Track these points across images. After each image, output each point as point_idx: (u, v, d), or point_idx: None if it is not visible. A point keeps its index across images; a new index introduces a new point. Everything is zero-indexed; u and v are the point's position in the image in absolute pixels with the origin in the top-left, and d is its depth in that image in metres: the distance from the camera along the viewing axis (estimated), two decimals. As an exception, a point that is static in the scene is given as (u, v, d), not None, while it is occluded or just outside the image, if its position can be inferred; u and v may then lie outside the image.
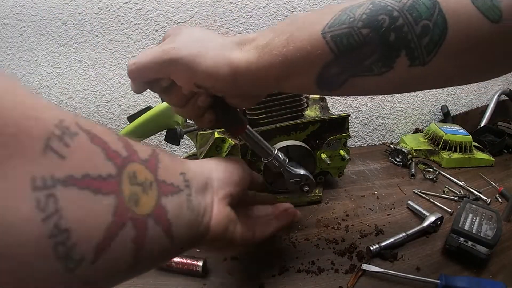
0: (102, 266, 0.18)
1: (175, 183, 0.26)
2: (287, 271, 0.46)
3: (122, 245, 0.19)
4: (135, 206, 0.20)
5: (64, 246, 0.16)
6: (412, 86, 0.30)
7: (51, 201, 0.15)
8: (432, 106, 0.91)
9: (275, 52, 0.29)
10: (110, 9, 0.67)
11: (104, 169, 0.18)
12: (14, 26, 0.67)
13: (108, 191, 0.18)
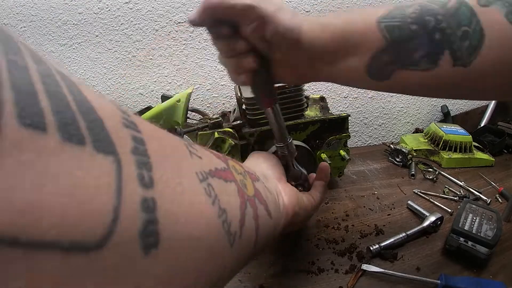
0: (244, 241, 0.21)
1: (253, 173, 0.30)
2: (287, 271, 0.46)
3: (249, 222, 0.23)
4: (245, 189, 0.24)
5: (226, 224, 0.19)
6: (454, 88, 0.32)
7: (210, 188, 0.18)
8: (432, 106, 0.91)
9: (336, 31, 0.32)
10: (110, 9, 0.67)
11: (220, 164, 0.22)
12: (14, 26, 0.67)
13: (230, 179, 0.22)
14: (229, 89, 0.77)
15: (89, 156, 0.10)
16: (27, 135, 0.09)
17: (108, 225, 0.10)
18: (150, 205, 0.13)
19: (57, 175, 0.09)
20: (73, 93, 0.11)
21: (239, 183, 0.23)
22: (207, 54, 0.73)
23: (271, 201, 0.30)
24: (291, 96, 0.55)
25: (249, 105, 0.54)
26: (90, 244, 0.10)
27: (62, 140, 0.10)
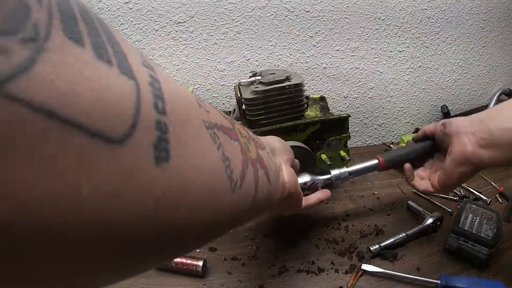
0: (243, 193, 0.23)
1: (259, 142, 0.31)
2: (287, 271, 0.46)
3: (249, 178, 0.24)
4: (248, 151, 0.25)
5: (229, 169, 0.20)
6: None
7: (216, 136, 0.20)
8: (432, 106, 0.91)
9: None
10: (110, 9, 0.67)
11: (226, 123, 0.23)
12: (14, 26, 0.67)
13: (234, 138, 0.23)
14: (229, 89, 0.77)
15: (115, 75, 0.13)
16: (69, 45, 0.11)
17: (128, 127, 0.12)
18: (163, 127, 0.14)
19: (90, 78, 0.11)
20: (104, 28, 0.13)
21: (242, 144, 0.24)
22: (207, 54, 0.73)
23: (273, 170, 0.31)
24: (291, 97, 0.55)
25: (249, 105, 0.54)
26: (111, 137, 0.12)
27: (95, 56, 0.12)
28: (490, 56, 0.89)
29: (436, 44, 0.83)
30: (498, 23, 0.86)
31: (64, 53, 0.11)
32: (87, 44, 0.12)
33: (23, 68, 0.09)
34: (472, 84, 0.92)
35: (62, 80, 0.10)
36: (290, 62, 0.76)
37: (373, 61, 0.80)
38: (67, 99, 0.10)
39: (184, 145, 0.16)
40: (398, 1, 0.75)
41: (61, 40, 0.11)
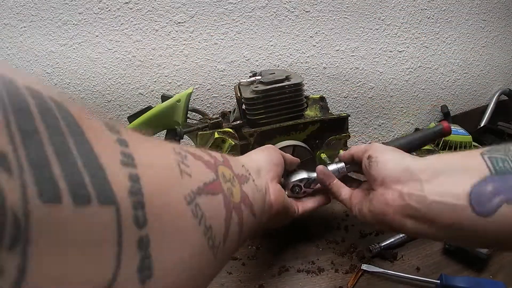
0: (227, 248, 0.24)
1: (244, 174, 0.32)
2: (287, 271, 0.46)
3: (233, 229, 0.25)
4: (232, 197, 0.26)
5: (211, 239, 0.22)
6: None
7: (197, 208, 0.21)
8: (432, 106, 0.91)
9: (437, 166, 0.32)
10: (110, 9, 0.67)
11: (209, 176, 0.24)
12: (14, 26, 0.67)
13: (217, 191, 0.24)
14: (229, 89, 0.77)
15: (93, 210, 0.13)
16: (47, 210, 0.11)
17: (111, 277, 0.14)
18: (144, 243, 0.15)
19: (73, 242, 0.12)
20: (79, 148, 0.13)
21: (226, 192, 0.25)
22: (207, 54, 0.73)
23: (258, 199, 0.33)
24: (291, 96, 0.55)
25: (249, 105, 0.54)
26: None
27: (74, 205, 0.12)
28: (490, 56, 0.89)
29: (436, 44, 0.83)
30: (498, 23, 0.86)
31: (44, 224, 0.11)
32: (65, 195, 0.12)
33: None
34: (472, 84, 0.92)
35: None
36: (290, 62, 0.76)
37: (373, 61, 0.80)
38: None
39: (166, 248, 0.17)
40: (398, 1, 0.75)
41: (39, 210, 0.11)
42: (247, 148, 0.56)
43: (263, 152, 0.42)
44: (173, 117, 0.59)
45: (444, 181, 0.30)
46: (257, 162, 0.39)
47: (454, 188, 0.29)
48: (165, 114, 0.59)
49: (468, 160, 0.30)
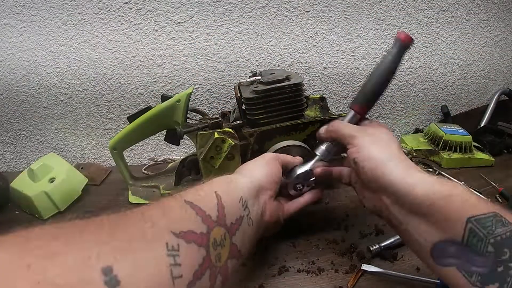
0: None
1: (239, 215, 0.34)
2: (287, 271, 0.46)
3: (218, 284, 0.29)
4: (219, 262, 0.29)
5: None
6: None
7: (175, 256, 0.24)
8: (432, 106, 0.91)
9: (430, 194, 0.32)
10: (110, 9, 0.67)
11: (200, 258, 0.26)
12: (14, 26, 0.67)
13: (205, 270, 0.27)
14: (229, 89, 0.77)
15: None
16: None
17: None
18: None
19: None
20: None
21: (213, 262, 0.28)
22: (207, 54, 0.73)
23: (248, 236, 0.36)
24: (291, 96, 0.55)
25: (249, 105, 0.54)
26: None
27: None
28: (490, 56, 0.89)
29: (436, 44, 0.83)
30: (498, 23, 0.86)
31: None
32: None
33: None
34: (472, 84, 0.92)
35: None
36: (290, 62, 0.76)
37: (373, 61, 0.80)
38: None
39: None
40: (398, 1, 0.75)
41: None
42: (247, 148, 0.56)
43: (266, 167, 0.44)
44: (173, 117, 0.59)
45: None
46: (258, 180, 0.41)
47: (425, 233, 0.32)
48: (165, 114, 0.59)
49: (452, 215, 0.30)
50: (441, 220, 0.31)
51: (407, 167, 0.35)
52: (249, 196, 0.38)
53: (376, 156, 0.37)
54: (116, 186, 0.69)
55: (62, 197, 0.62)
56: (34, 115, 0.76)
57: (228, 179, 0.38)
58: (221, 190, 0.34)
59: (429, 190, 0.32)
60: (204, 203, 0.31)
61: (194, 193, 0.32)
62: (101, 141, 0.80)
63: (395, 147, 0.38)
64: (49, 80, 0.72)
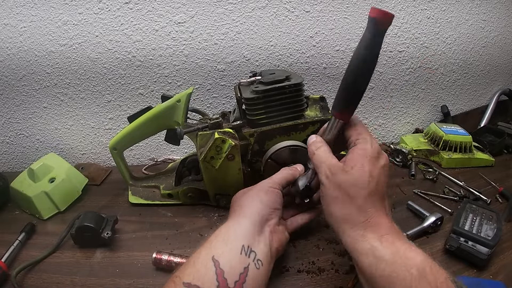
0: None
1: (242, 270, 0.35)
2: (287, 271, 0.46)
3: None
4: None
5: None
6: None
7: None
8: (432, 106, 0.91)
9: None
10: (110, 9, 0.67)
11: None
12: (14, 27, 0.67)
13: None
14: (229, 89, 0.77)
15: None
16: None
17: None
18: None
19: None
20: None
21: None
22: (207, 54, 0.73)
23: (263, 272, 0.37)
24: (291, 96, 0.55)
25: (249, 105, 0.54)
26: None
27: None
28: (490, 56, 0.89)
29: (436, 44, 0.83)
30: (498, 23, 0.86)
31: None
32: None
33: None
34: (472, 84, 0.92)
35: None
36: (290, 62, 0.76)
37: (373, 61, 0.80)
38: None
39: None
40: (398, 1, 0.75)
41: None
42: (247, 148, 0.56)
43: (265, 197, 0.43)
44: (173, 117, 0.59)
45: None
46: (259, 215, 0.41)
47: None
48: (165, 114, 0.59)
49: (438, 277, 0.30)
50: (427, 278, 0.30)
51: (362, 231, 0.34)
52: (252, 238, 0.38)
53: (334, 213, 0.36)
54: (116, 186, 0.69)
55: (62, 197, 0.62)
56: (34, 115, 0.76)
57: (225, 232, 0.39)
58: (218, 252, 0.35)
59: (373, 265, 0.32)
60: (202, 279, 0.32)
61: (192, 267, 0.34)
62: (101, 141, 0.80)
63: (360, 200, 0.34)
64: (49, 80, 0.72)
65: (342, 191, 0.35)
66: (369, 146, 0.37)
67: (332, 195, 0.36)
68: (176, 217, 0.59)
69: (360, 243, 0.33)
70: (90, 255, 0.51)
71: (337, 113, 0.39)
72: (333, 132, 0.40)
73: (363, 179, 0.35)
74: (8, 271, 0.46)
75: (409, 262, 0.30)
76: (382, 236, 0.33)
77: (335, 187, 0.36)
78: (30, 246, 0.53)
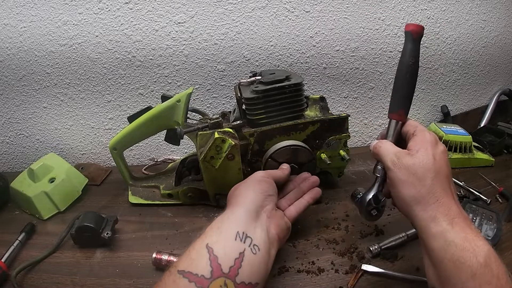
0: None
1: (238, 255, 0.35)
2: (287, 271, 0.46)
3: None
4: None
5: None
6: None
7: None
8: (432, 106, 0.91)
9: None
10: (110, 9, 0.67)
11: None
12: (14, 27, 0.67)
13: None
14: (229, 89, 0.77)
15: None
16: None
17: None
18: None
19: None
20: None
21: None
22: (207, 54, 0.73)
23: (261, 256, 0.37)
24: (291, 96, 0.55)
25: (249, 105, 0.54)
26: None
27: None
28: (490, 56, 0.89)
29: (436, 44, 0.83)
30: (498, 23, 0.86)
31: None
32: None
33: None
34: (472, 84, 0.92)
35: None
36: (290, 62, 0.76)
37: (373, 61, 0.80)
38: None
39: None
40: (398, 1, 0.75)
41: None
42: (247, 148, 0.56)
43: (258, 186, 0.45)
44: (173, 117, 0.59)
45: None
46: (253, 202, 0.42)
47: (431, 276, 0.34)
48: (165, 114, 0.59)
49: (455, 282, 0.31)
50: (444, 279, 0.32)
51: (433, 212, 0.34)
52: (247, 225, 0.39)
53: (405, 197, 0.36)
54: (116, 186, 0.69)
55: (62, 197, 0.62)
56: (34, 115, 0.76)
57: (220, 221, 0.39)
58: (212, 240, 0.36)
59: (442, 249, 0.32)
60: (196, 265, 0.33)
61: (187, 256, 0.35)
62: (101, 141, 0.80)
63: (428, 181, 0.35)
64: (49, 80, 0.73)
65: (410, 173, 0.36)
66: (428, 134, 0.39)
67: (401, 179, 0.37)
68: (176, 217, 0.59)
69: (432, 226, 0.34)
70: (90, 255, 0.51)
71: (395, 114, 0.43)
72: (394, 134, 0.43)
73: (429, 161, 0.36)
74: (8, 271, 0.46)
75: (477, 249, 0.31)
76: (453, 220, 0.33)
77: (403, 171, 0.37)
78: (30, 246, 0.53)
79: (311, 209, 0.59)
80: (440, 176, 0.36)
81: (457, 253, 0.31)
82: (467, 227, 0.33)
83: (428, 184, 0.35)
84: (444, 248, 0.32)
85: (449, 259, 0.32)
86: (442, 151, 0.38)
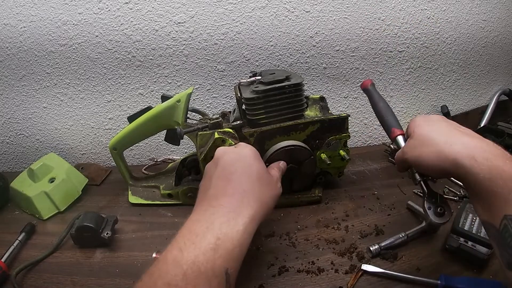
0: None
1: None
2: (287, 271, 0.46)
3: None
4: None
5: None
6: None
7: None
8: (432, 106, 0.91)
9: None
10: (110, 9, 0.67)
11: None
12: (14, 26, 0.67)
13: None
14: (229, 89, 0.77)
15: None
16: None
17: None
18: None
19: None
20: None
21: None
22: (207, 54, 0.73)
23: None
24: (291, 96, 0.55)
25: (249, 105, 0.54)
26: None
27: None
28: (490, 56, 0.89)
29: (436, 44, 0.83)
30: (498, 23, 0.86)
31: None
32: None
33: None
34: (472, 84, 0.92)
35: None
36: (290, 62, 0.76)
37: (373, 61, 0.80)
38: None
39: None
40: (398, 1, 0.75)
41: None
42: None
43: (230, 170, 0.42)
44: (173, 117, 0.59)
45: None
46: (236, 183, 0.40)
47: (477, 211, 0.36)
48: (165, 114, 0.59)
49: (496, 202, 0.33)
50: (486, 204, 0.34)
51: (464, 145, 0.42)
52: (250, 204, 0.38)
53: (426, 160, 0.40)
54: (116, 186, 0.70)
55: (62, 197, 0.62)
56: (34, 115, 0.76)
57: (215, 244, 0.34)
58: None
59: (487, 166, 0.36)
60: None
61: None
62: (101, 141, 0.80)
63: (441, 128, 0.44)
64: (49, 80, 0.73)
65: (419, 142, 0.42)
66: (416, 118, 0.45)
67: (416, 145, 0.42)
68: (176, 217, 0.59)
69: (460, 161, 0.39)
70: (90, 255, 0.51)
71: (392, 133, 0.49)
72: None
73: (429, 126, 0.43)
74: (8, 271, 0.46)
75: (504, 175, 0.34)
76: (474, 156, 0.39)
77: (414, 142, 0.42)
78: (30, 246, 0.53)
79: (311, 209, 0.59)
80: (446, 121, 0.45)
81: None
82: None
83: (442, 140, 0.42)
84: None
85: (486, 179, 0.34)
86: (436, 118, 0.45)
